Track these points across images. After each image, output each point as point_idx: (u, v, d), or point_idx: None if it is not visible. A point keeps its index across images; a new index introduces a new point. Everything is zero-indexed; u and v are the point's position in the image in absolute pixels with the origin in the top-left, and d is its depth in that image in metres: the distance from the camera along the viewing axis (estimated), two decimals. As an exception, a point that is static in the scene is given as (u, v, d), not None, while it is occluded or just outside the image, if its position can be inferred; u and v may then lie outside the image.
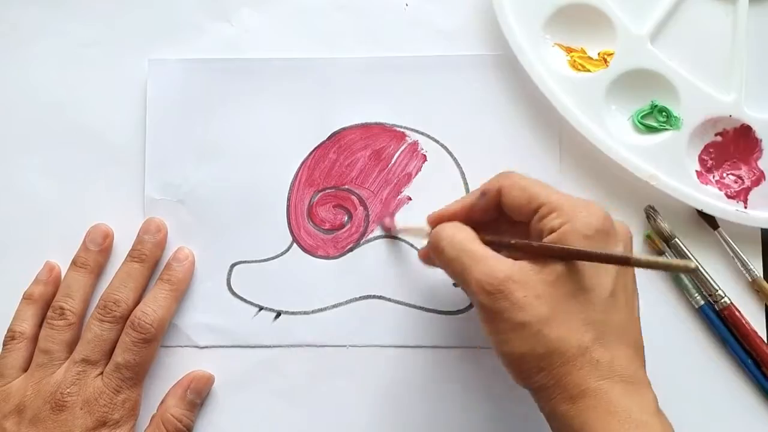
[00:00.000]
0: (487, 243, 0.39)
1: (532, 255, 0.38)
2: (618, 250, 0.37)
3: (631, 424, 0.35)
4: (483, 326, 0.38)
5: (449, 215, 0.42)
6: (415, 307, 0.48)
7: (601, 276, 0.37)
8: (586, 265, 0.37)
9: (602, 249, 0.36)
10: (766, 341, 0.46)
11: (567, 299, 0.36)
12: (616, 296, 0.37)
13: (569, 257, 0.36)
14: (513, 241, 0.39)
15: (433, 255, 0.41)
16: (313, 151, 0.49)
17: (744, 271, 0.47)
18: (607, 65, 0.48)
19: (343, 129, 0.49)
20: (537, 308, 0.36)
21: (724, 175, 0.47)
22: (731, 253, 0.47)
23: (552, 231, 0.37)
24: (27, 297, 0.48)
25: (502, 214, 0.41)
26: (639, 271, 0.47)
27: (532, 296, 0.36)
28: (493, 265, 0.37)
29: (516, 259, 0.38)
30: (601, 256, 0.36)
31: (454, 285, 0.48)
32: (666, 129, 0.47)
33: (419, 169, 0.49)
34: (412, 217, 0.48)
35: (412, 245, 0.48)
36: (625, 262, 0.36)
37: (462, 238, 0.39)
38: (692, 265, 0.34)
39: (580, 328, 0.36)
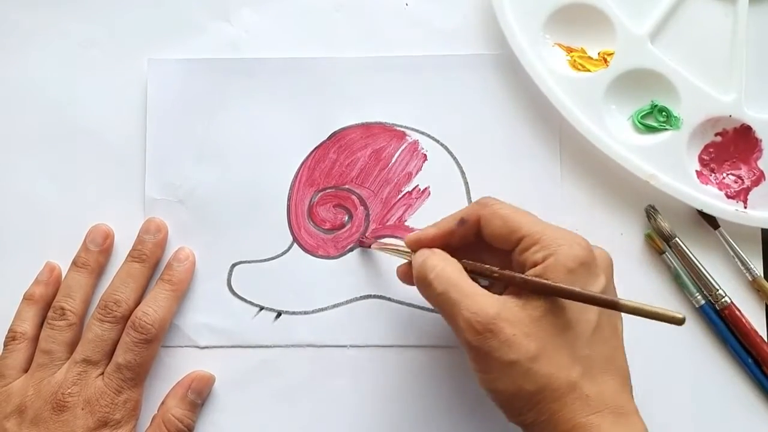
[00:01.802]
0: (468, 270, 0.39)
1: (515, 287, 0.37)
2: (600, 281, 0.37)
3: None
4: (471, 364, 0.38)
5: (428, 240, 0.41)
6: (415, 307, 0.48)
7: (585, 311, 0.37)
8: (567, 301, 0.37)
9: (586, 282, 0.36)
10: (766, 341, 0.46)
11: (554, 335, 0.36)
12: (601, 329, 0.37)
13: (557, 295, 0.36)
14: (498, 273, 0.38)
15: (419, 286, 0.40)
16: (313, 150, 0.49)
17: (744, 271, 0.47)
18: (607, 65, 0.48)
19: (343, 129, 0.49)
20: (526, 346, 0.36)
21: (724, 175, 0.48)
22: (731, 253, 0.47)
23: (535, 264, 0.37)
24: (28, 297, 0.48)
25: (481, 241, 0.40)
26: (641, 271, 0.47)
27: (521, 334, 0.36)
28: (481, 302, 0.37)
29: (494, 287, 0.38)
30: (590, 297, 0.36)
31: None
32: (666, 129, 0.47)
33: (419, 169, 0.49)
34: (422, 213, 0.48)
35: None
36: (613, 306, 0.36)
37: (450, 271, 0.39)
38: (680, 316, 0.34)
39: (568, 364, 0.36)
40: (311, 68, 0.50)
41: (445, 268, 0.39)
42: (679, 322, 0.34)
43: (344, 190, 0.49)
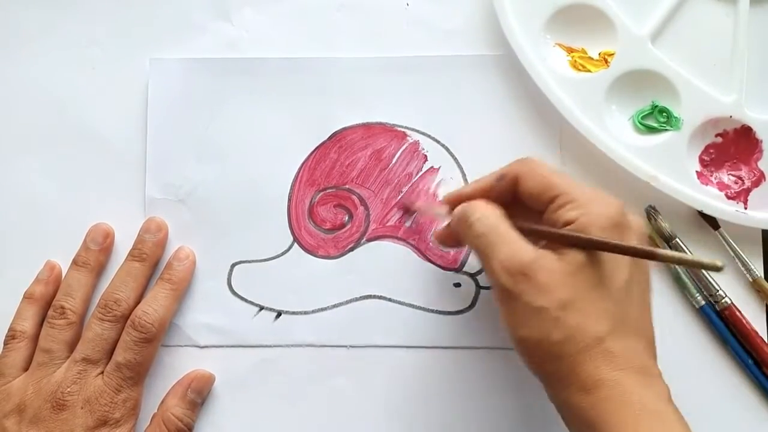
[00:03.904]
0: (514, 226, 0.39)
1: (554, 242, 0.38)
2: (632, 243, 0.37)
3: (645, 414, 0.35)
4: (500, 309, 0.38)
5: (466, 196, 0.42)
6: (415, 307, 0.48)
7: (618, 269, 0.37)
8: (604, 258, 0.37)
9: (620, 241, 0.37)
10: (766, 341, 0.46)
11: (586, 289, 0.36)
12: (630, 289, 0.37)
13: (593, 247, 0.36)
14: (538, 227, 0.39)
15: (460, 229, 0.41)
16: (313, 150, 0.49)
17: (744, 272, 0.47)
18: (608, 65, 0.48)
19: (344, 129, 0.49)
20: (557, 294, 0.36)
21: (725, 175, 0.48)
22: (732, 254, 0.47)
23: (567, 222, 0.37)
24: (28, 296, 0.48)
25: (517, 200, 0.41)
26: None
27: (553, 282, 0.36)
28: (518, 247, 0.37)
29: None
30: (628, 248, 0.36)
31: (455, 285, 0.48)
32: (666, 129, 0.47)
33: (420, 169, 0.49)
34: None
35: (414, 246, 0.48)
36: (651, 255, 0.36)
37: (493, 216, 0.39)
38: (720, 263, 0.33)
39: (597, 318, 0.36)
40: (312, 68, 0.50)
41: (488, 212, 0.39)
42: (718, 269, 0.34)
43: (345, 190, 0.49)
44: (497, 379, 0.47)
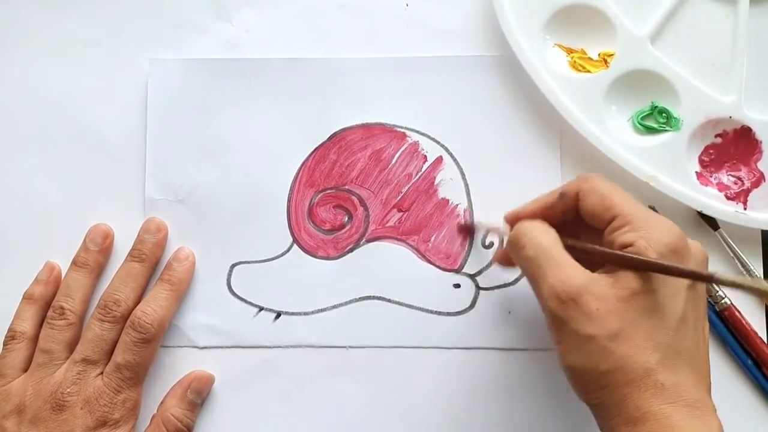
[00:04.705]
0: (566, 246, 0.38)
1: (608, 264, 0.37)
2: (690, 267, 0.36)
3: None
4: (551, 334, 0.37)
5: (527, 214, 0.41)
6: (415, 307, 0.48)
7: (674, 298, 0.36)
8: (660, 285, 0.36)
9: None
10: (766, 342, 0.46)
11: (638, 318, 0.35)
12: (686, 320, 0.36)
13: (649, 269, 0.35)
14: (591, 246, 0.38)
15: (511, 251, 0.40)
16: (313, 151, 0.49)
17: (744, 272, 0.47)
18: (608, 66, 0.48)
19: (344, 129, 0.49)
20: (607, 323, 0.35)
21: (724, 176, 0.48)
22: (731, 254, 0.47)
23: (625, 245, 0.36)
24: (27, 297, 0.48)
25: (579, 218, 0.40)
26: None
27: (605, 310, 0.35)
28: (570, 273, 0.36)
29: (589, 267, 0.37)
30: (686, 272, 0.35)
31: (455, 286, 0.48)
32: (666, 130, 0.47)
33: (419, 170, 0.49)
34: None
35: (413, 246, 0.48)
36: (709, 279, 0.35)
37: (545, 239, 0.38)
38: None
39: (648, 349, 0.35)
40: (312, 69, 0.50)
41: (540, 234, 0.39)
42: None
43: (344, 190, 0.49)
44: (497, 379, 0.47)
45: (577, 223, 0.40)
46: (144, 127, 0.50)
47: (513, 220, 0.42)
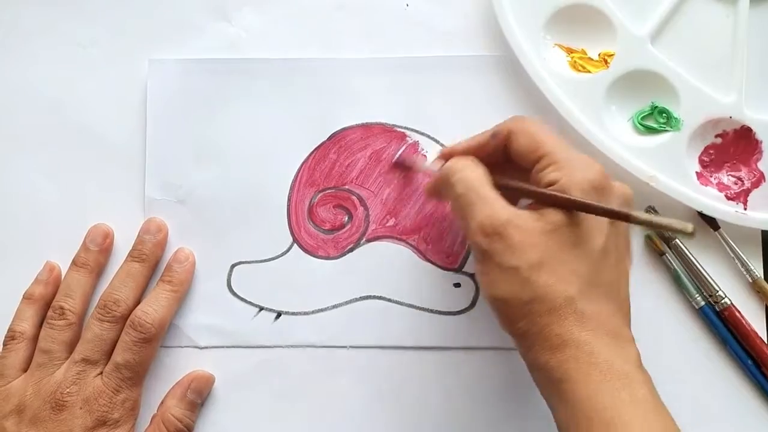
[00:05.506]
0: (496, 185, 0.39)
1: (535, 202, 0.38)
2: (611, 206, 0.38)
3: (612, 374, 0.35)
4: (476, 269, 0.39)
5: (460, 151, 0.42)
6: (415, 307, 0.48)
7: (596, 232, 0.37)
8: (583, 220, 0.37)
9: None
10: (766, 342, 0.46)
11: (560, 250, 0.37)
12: (607, 254, 0.37)
13: (572, 207, 0.37)
14: (520, 185, 0.39)
15: (442, 186, 0.41)
16: (313, 151, 0.49)
17: (744, 272, 0.47)
18: (608, 66, 0.48)
19: (344, 129, 0.49)
20: (530, 254, 0.36)
21: (724, 176, 0.48)
22: (732, 254, 0.47)
23: (550, 183, 0.38)
24: (27, 297, 0.48)
25: (510, 159, 0.41)
26: (641, 272, 0.47)
27: (528, 243, 0.36)
28: (496, 208, 0.38)
29: (517, 205, 0.38)
30: (604, 209, 0.36)
31: (455, 285, 0.48)
32: (666, 130, 0.47)
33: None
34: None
35: (414, 246, 0.48)
36: (625, 217, 0.36)
37: (474, 176, 0.39)
38: (690, 228, 0.34)
39: (569, 279, 0.36)
40: (311, 69, 0.50)
41: (469, 172, 0.40)
42: (689, 234, 0.34)
43: (344, 190, 0.49)
44: (497, 379, 0.47)
45: (509, 164, 0.41)
46: (143, 128, 0.50)
47: (447, 156, 0.43)
